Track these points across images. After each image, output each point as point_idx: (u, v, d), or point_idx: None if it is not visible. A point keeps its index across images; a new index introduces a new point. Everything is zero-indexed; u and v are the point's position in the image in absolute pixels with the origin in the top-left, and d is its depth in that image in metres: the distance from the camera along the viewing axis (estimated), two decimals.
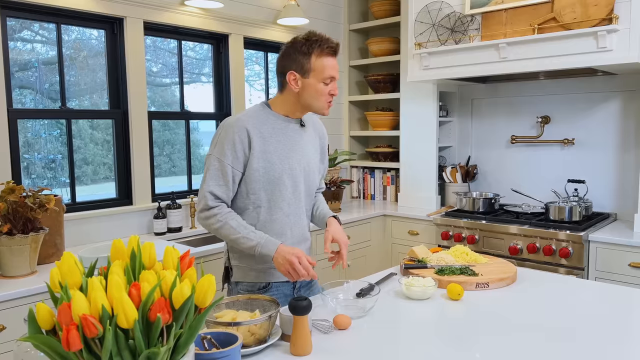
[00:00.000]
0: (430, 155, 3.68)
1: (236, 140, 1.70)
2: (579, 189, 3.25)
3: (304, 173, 1.82)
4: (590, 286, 1.90)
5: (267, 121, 1.76)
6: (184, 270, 0.99)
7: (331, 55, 1.72)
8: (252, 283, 1.81)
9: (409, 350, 1.35)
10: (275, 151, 1.74)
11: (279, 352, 1.35)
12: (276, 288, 1.83)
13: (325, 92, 1.73)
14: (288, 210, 1.79)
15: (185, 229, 3.11)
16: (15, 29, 2.62)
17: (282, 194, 1.77)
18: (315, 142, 1.90)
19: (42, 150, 2.76)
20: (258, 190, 1.74)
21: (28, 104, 2.71)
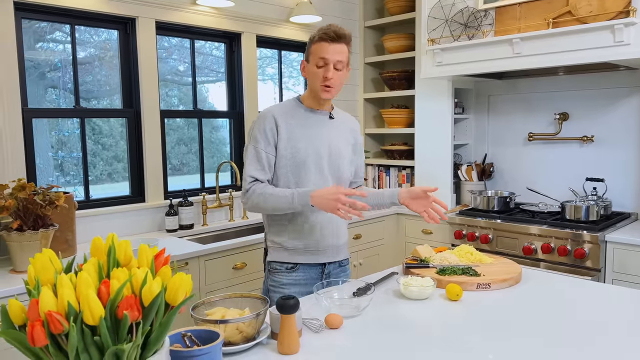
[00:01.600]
0: (445, 153, 3.62)
1: (266, 127, 1.87)
2: (598, 188, 3.15)
3: (328, 158, 1.92)
4: (598, 288, 1.84)
5: (295, 112, 1.92)
6: (159, 268, 1.00)
7: (326, 41, 1.83)
8: (281, 263, 1.93)
9: (399, 351, 1.33)
10: (300, 137, 1.88)
11: (266, 351, 1.35)
12: (303, 270, 1.93)
13: (319, 76, 1.84)
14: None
15: (197, 225, 3.14)
16: (46, 30, 2.70)
17: (308, 176, 1.88)
18: (347, 135, 2.01)
19: (69, 149, 2.84)
20: (286, 173, 1.88)
21: (62, 103, 2.80)
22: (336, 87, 1.87)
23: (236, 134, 3.53)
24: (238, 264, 2.74)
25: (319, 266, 1.96)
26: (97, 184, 2.95)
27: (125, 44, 2.96)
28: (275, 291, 1.93)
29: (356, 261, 3.44)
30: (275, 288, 1.94)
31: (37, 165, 2.66)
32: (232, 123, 3.53)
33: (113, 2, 2.80)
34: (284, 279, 1.93)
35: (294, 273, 1.92)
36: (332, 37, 1.82)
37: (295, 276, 1.93)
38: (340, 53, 1.84)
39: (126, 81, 2.98)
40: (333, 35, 1.82)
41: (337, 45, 1.83)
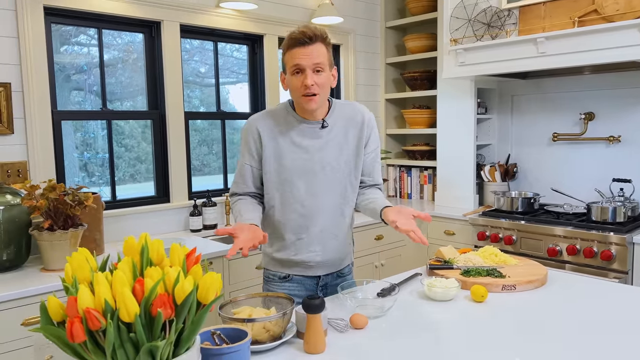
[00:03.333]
0: (468, 153, 3.60)
1: (249, 140, 1.77)
2: (625, 189, 3.10)
3: (322, 172, 1.75)
4: (626, 290, 1.81)
5: (283, 121, 1.76)
6: (190, 267, 1.02)
7: (297, 45, 1.63)
8: (273, 272, 1.87)
9: (424, 352, 1.33)
10: (287, 153, 1.73)
11: (292, 349, 1.37)
12: (297, 281, 1.84)
13: (297, 85, 1.65)
14: (302, 211, 1.76)
15: (221, 226, 3.18)
16: (71, 33, 2.77)
17: (294, 195, 1.75)
18: (347, 137, 1.78)
19: (94, 150, 2.91)
20: (271, 190, 1.79)
21: (83, 105, 2.87)
22: (321, 92, 1.66)
23: None
24: (260, 264, 2.76)
25: (314, 278, 1.85)
26: (119, 184, 3.01)
27: (150, 46, 3.01)
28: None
29: (378, 262, 3.44)
30: None
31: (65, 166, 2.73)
32: None
33: (139, 6, 2.85)
34: (278, 288, 1.85)
35: (287, 283, 1.84)
36: (302, 41, 1.62)
37: (289, 286, 1.84)
38: (317, 55, 1.63)
39: (151, 83, 3.04)
40: (302, 38, 1.62)
41: (310, 47, 1.62)
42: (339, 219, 1.82)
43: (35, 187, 2.19)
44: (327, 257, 1.83)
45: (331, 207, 1.79)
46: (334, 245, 1.84)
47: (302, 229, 1.78)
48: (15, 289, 1.97)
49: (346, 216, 1.84)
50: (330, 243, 1.82)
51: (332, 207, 1.80)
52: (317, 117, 1.75)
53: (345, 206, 1.83)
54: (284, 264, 1.84)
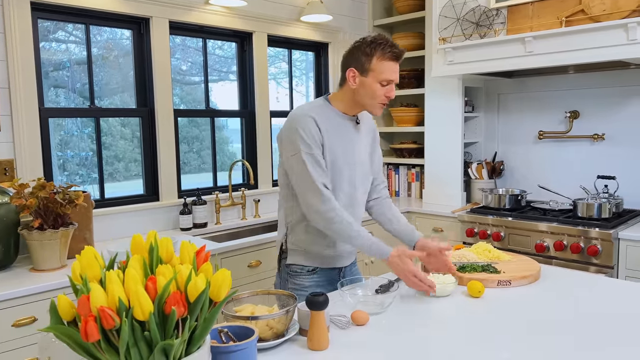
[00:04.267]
0: (455, 151, 3.64)
1: (312, 131, 1.78)
2: (609, 186, 3.17)
3: (357, 166, 1.91)
4: (617, 284, 1.86)
5: (328, 116, 1.85)
6: (200, 265, 1.02)
7: (393, 60, 1.77)
8: (302, 266, 1.92)
9: (427, 347, 1.35)
10: (337, 144, 1.84)
11: (296, 347, 1.37)
12: (323, 273, 1.93)
13: (380, 94, 1.77)
14: (345, 200, 1.88)
15: (211, 224, 3.16)
16: (50, 29, 2.71)
17: (341, 185, 1.87)
18: (368, 138, 1.99)
19: (75, 148, 2.85)
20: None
21: (62, 102, 2.80)
22: None
23: (248, 132, 3.54)
24: (253, 262, 2.76)
25: (337, 269, 1.98)
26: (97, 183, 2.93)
27: (139, 43, 2.97)
28: (297, 294, 1.94)
29: (368, 259, 3.45)
30: (296, 291, 1.95)
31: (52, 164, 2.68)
32: (243, 122, 3.54)
33: (128, 2, 2.81)
34: (306, 281, 1.93)
35: (314, 276, 1.92)
36: (398, 57, 1.77)
37: (317, 279, 1.93)
38: (398, 72, 1.81)
39: (140, 80, 3.00)
40: (400, 54, 1.77)
41: (398, 64, 1.79)
42: (362, 210, 2.00)
43: (24, 185, 2.15)
44: (354, 248, 1.96)
45: (361, 198, 1.97)
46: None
47: None
48: (5, 290, 1.93)
49: (364, 207, 2.03)
50: None
51: (361, 198, 1.97)
52: (354, 113, 1.90)
53: (365, 199, 2.01)
54: (315, 257, 1.91)
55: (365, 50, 1.76)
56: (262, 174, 3.56)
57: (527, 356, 1.28)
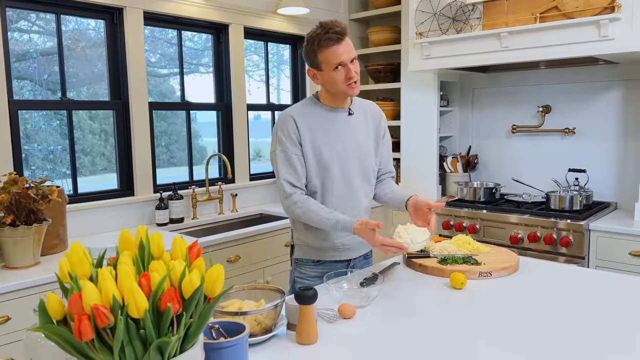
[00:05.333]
0: (431, 145, 3.68)
1: (290, 130, 1.84)
2: (580, 178, 3.26)
3: (353, 158, 1.91)
4: (592, 275, 1.91)
5: (313, 113, 1.88)
6: (193, 260, 1.00)
7: (334, 44, 1.77)
8: (307, 259, 1.97)
9: (414, 339, 1.36)
10: (322, 140, 1.86)
11: (284, 341, 1.36)
12: (329, 265, 1.96)
13: (341, 78, 1.80)
14: (339, 195, 1.90)
15: (187, 219, 3.11)
16: (12, 19, 2.60)
17: (332, 179, 1.88)
18: (368, 126, 1.98)
19: (43, 142, 2.75)
20: (312, 177, 1.88)
21: (27, 95, 2.70)
22: (358, 79, 1.84)
23: (224, 126, 3.50)
24: (232, 257, 2.73)
25: (345, 261, 1.99)
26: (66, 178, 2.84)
27: (112, 34, 2.89)
28: (302, 283, 1.96)
29: None
30: (302, 280, 1.98)
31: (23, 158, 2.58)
32: (220, 115, 3.50)
33: None
34: (311, 271, 1.97)
35: (320, 267, 1.95)
36: (337, 39, 1.76)
37: (322, 269, 1.95)
38: (351, 49, 1.80)
39: (113, 73, 2.92)
40: (337, 35, 1.76)
41: (344, 42, 1.78)
42: (365, 202, 2.00)
43: None
44: (357, 240, 1.95)
45: (361, 191, 1.97)
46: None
47: (340, 212, 1.87)
48: None
49: (369, 198, 2.03)
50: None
51: (361, 190, 1.97)
52: (344, 105, 1.92)
53: (369, 190, 2.02)
54: (319, 251, 1.94)
55: (308, 48, 1.82)
56: (239, 168, 3.52)
57: (513, 345, 1.31)
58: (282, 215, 3.24)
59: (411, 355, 1.26)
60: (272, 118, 3.92)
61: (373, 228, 1.73)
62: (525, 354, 1.26)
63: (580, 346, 1.30)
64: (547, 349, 1.28)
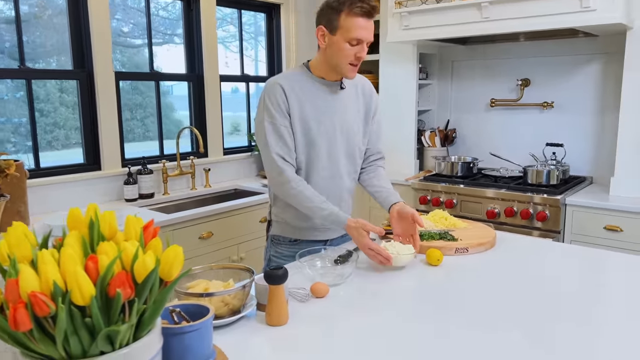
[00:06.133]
0: (409, 119, 3.61)
1: (279, 100, 1.70)
2: (557, 153, 3.24)
3: (341, 136, 1.80)
4: (567, 250, 1.89)
5: (303, 83, 1.75)
6: (148, 241, 0.91)
7: (363, 16, 1.63)
8: (283, 237, 1.89)
9: (388, 318, 1.31)
10: (311, 114, 1.74)
11: (254, 322, 1.30)
12: (307, 244, 1.84)
13: (350, 54, 1.66)
14: (323, 173, 1.80)
15: (158, 195, 3.01)
16: None
17: (318, 156, 1.77)
18: (358, 102, 1.86)
19: (8, 114, 2.60)
20: (298, 153, 1.75)
21: None
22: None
23: (196, 98, 3.37)
24: (204, 234, 2.65)
25: (323, 241, 1.90)
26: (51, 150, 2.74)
27: (74, 0, 2.72)
28: (278, 262, 1.89)
29: None
30: (277, 259, 1.91)
31: None
32: (191, 87, 3.36)
33: None
34: (286, 250, 1.89)
35: (297, 246, 1.86)
36: (369, 13, 1.64)
37: (299, 249, 1.83)
38: (372, 31, 1.68)
39: (76, 40, 2.76)
40: (370, 10, 1.63)
41: (371, 21, 1.66)
42: (349, 183, 1.90)
43: None
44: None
45: (346, 171, 1.87)
46: (345, 208, 1.90)
47: (323, 191, 1.77)
48: None
49: (354, 180, 1.93)
50: (343, 206, 1.88)
51: (347, 170, 1.87)
52: (336, 79, 1.78)
53: (354, 170, 1.92)
54: (298, 230, 1.86)
55: (333, 5, 1.65)
56: (212, 142, 3.41)
57: (492, 321, 1.27)
58: (257, 191, 3.16)
59: (384, 334, 1.22)
60: (246, 90, 3.80)
61: (368, 231, 1.66)
62: (500, 331, 1.23)
63: (553, 322, 1.26)
64: (522, 326, 1.25)
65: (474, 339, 1.20)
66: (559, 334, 1.21)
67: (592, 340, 1.19)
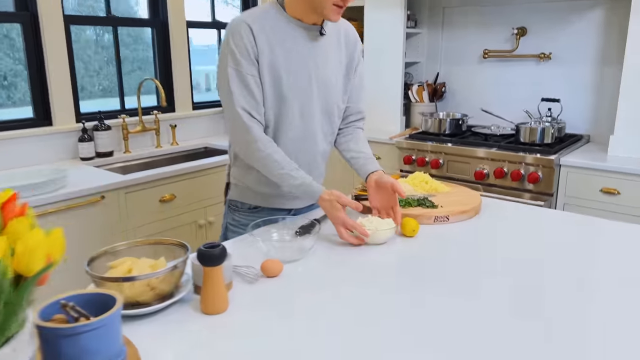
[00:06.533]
0: (395, 71, 3.34)
1: (245, 42, 1.41)
2: (553, 109, 3.00)
3: (317, 90, 1.53)
4: (559, 217, 1.69)
5: (275, 24, 1.46)
6: (7, 222, 0.68)
7: None
8: (241, 202, 1.65)
9: (347, 300, 1.11)
10: (283, 62, 1.46)
11: (188, 309, 1.09)
12: (268, 212, 1.62)
13: None
14: (292, 134, 1.53)
15: (118, 153, 2.76)
16: None
17: (289, 114, 1.50)
18: (340, 52, 1.59)
19: None
20: (266, 108, 1.48)
21: None
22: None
23: (160, 46, 3.07)
24: (166, 196, 2.43)
25: (288, 210, 1.66)
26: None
27: None
28: (235, 231, 1.64)
29: None
30: (234, 227, 1.66)
31: None
32: (154, 33, 3.05)
33: None
34: (245, 219, 1.63)
35: (257, 214, 1.61)
36: None
37: (258, 217, 1.59)
38: None
39: None
40: None
41: None
42: (323, 146, 1.64)
43: None
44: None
45: (321, 132, 1.61)
46: (317, 175, 1.66)
47: (292, 155, 1.53)
48: None
49: (330, 143, 1.67)
50: (315, 172, 1.64)
51: (322, 131, 1.61)
52: (315, 22, 1.50)
53: (331, 132, 1.65)
54: (260, 196, 1.61)
55: None
56: (179, 95, 3.13)
57: (464, 305, 1.07)
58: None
59: (339, 321, 1.01)
60: (218, 38, 3.49)
61: (344, 204, 1.42)
62: (479, 308, 1.03)
63: (540, 291, 1.06)
64: (506, 295, 1.05)
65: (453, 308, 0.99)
66: (547, 303, 1.01)
67: (584, 308, 0.99)
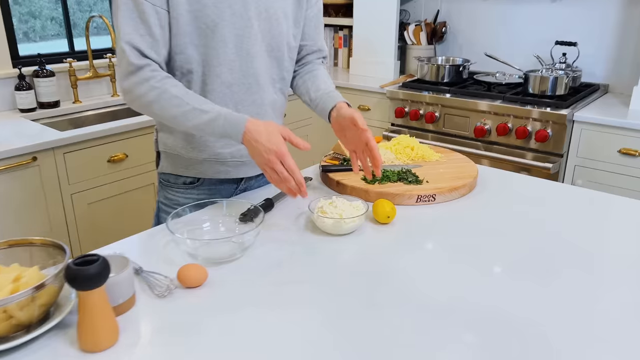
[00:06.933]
0: (389, 8, 2.92)
1: None
2: (568, 54, 2.61)
3: (258, 22, 1.20)
4: (570, 193, 1.36)
5: None
6: None
7: None
8: (178, 176, 1.32)
9: (287, 326, 0.81)
10: None
11: (59, 343, 0.79)
12: (209, 186, 1.32)
13: None
14: (230, 79, 1.20)
15: (66, 103, 2.41)
16: None
17: (219, 53, 1.17)
18: None
19: None
20: (185, 46, 1.15)
21: None
22: None
23: None
24: (117, 156, 2.11)
25: (233, 182, 1.35)
26: None
27: None
28: (168, 212, 1.29)
29: None
30: (167, 208, 1.33)
31: None
32: None
33: None
34: (181, 197, 1.33)
35: (194, 190, 1.32)
36: None
37: (197, 194, 1.32)
38: None
39: None
40: None
41: None
42: (276, 95, 1.32)
43: None
44: None
45: (268, 76, 1.28)
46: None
47: (229, 105, 1.22)
48: None
49: (282, 91, 1.35)
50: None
51: (269, 75, 1.28)
52: None
53: (282, 76, 1.32)
54: (194, 164, 1.29)
55: None
56: None
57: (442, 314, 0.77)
58: None
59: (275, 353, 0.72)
60: None
61: (287, 138, 1.09)
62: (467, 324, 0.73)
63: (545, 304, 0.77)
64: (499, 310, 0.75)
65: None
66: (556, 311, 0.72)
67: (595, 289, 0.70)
